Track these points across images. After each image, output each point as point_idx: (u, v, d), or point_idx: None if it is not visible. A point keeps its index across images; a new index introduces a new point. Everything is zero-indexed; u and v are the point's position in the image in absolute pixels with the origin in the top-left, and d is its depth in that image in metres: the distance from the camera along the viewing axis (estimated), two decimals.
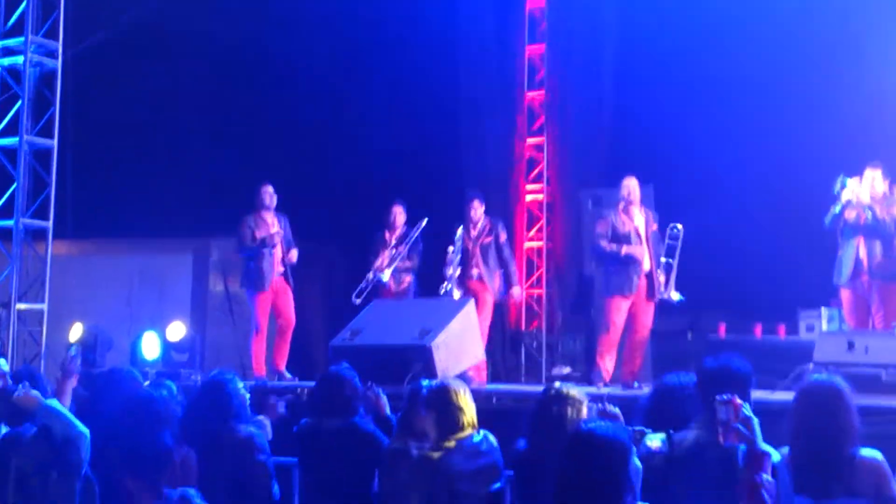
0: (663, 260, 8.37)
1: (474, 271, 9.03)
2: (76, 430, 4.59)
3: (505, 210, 11.29)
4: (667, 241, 8.52)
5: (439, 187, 11.45)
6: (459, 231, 9.12)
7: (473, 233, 9.11)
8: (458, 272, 8.93)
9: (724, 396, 3.73)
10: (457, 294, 8.81)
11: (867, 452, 3.97)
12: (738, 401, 3.73)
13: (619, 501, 3.30)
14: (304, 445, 5.26)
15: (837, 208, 7.91)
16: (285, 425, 5.58)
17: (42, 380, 5.38)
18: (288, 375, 9.04)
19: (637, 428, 4.01)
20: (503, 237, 9.24)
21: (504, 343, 11.35)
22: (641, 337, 8.40)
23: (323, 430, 5.14)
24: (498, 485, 4.63)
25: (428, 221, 9.51)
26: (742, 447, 3.65)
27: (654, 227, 8.48)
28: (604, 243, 8.39)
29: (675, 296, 8.34)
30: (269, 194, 9.30)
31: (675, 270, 8.40)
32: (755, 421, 3.69)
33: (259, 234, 9.16)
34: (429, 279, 9.50)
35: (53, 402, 4.85)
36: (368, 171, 12.06)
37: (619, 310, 8.29)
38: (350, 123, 12.29)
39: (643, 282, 8.28)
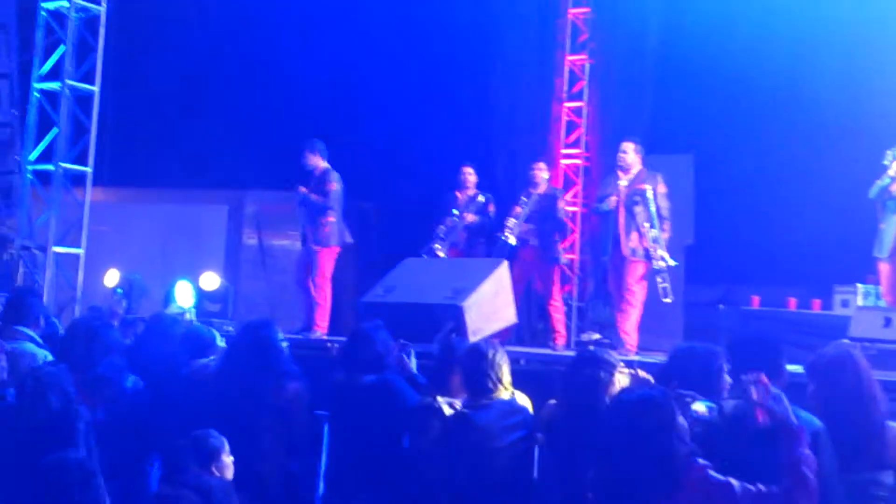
0: (647, 226, 7.98)
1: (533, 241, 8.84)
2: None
3: None
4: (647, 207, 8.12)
5: (472, 145, 11.41)
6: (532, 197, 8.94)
7: (535, 195, 8.90)
8: (521, 226, 8.74)
9: (752, 375, 3.68)
10: (512, 240, 8.68)
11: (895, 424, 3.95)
12: (766, 379, 3.68)
13: (671, 461, 3.30)
14: (335, 400, 5.29)
15: (886, 180, 7.77)
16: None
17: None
18: (317, 333, 8.72)
19: (686, 392, 3.92)
20: (562, 205, 9.12)
21: (530, 307, 11.27)
22: (631, 298, 8.08)
23: (355, 385, 5.14)
24: (528, 444, 4.64)
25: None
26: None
27: (652, 189, 8.07)
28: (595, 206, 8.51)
29: (662, 263, 7.93)
30: (307, 157, 9.01)
31: (658, 235, 7.99)
32: (784, 397, 3.64)
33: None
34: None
35: None
36: (401, 126, 12.04)
37: (610, 274, 8.27)
38: (385, 78, 12.25)
39: (616, 244, 8.12)
